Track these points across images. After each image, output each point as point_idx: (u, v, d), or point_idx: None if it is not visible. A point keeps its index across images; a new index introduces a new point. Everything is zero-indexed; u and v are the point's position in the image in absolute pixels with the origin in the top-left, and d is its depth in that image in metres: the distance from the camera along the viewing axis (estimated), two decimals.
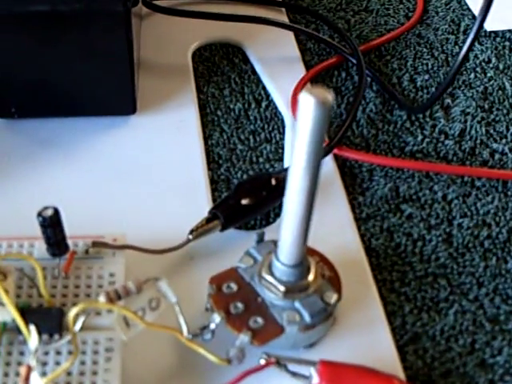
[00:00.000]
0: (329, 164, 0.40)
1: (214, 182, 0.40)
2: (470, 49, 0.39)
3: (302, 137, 0.25)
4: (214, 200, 0.38)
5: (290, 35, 0.50)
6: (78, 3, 0.38)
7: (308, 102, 0.24)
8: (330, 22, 0.51)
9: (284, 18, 0.52)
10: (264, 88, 0.46)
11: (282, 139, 0.43)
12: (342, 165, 0.41)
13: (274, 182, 0.37)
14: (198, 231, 0.35)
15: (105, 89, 0.41)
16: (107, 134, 0.42)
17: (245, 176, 0.40)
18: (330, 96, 0.24)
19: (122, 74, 0.41)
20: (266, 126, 0.44)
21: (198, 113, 0.44)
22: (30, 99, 0.42)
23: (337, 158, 0.41)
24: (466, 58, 0.40)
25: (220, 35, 0.50)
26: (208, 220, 0.35)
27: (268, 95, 0.46)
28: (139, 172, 0.40)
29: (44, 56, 0.40)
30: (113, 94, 0.42)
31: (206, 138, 0.43)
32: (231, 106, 0.45)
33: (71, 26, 0.39)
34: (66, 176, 0.39)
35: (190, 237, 0.34)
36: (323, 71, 0.47)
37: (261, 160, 0.41)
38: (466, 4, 0.54)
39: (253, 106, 0.45)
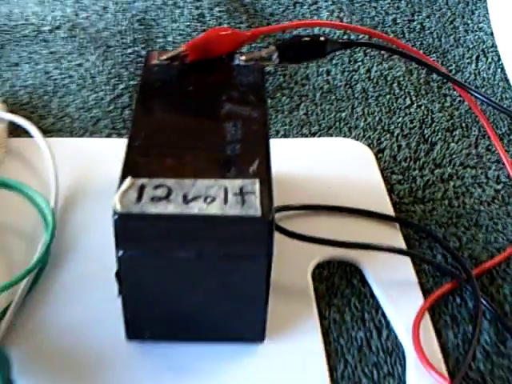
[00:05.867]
0: None
1: None
2: None
3: None
4: None
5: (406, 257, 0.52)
6: (222, 249, 0.41)
7: None
8: (443, 242, 0.53)
9: (397, 234, 0.55)
10: (383, 314, 0.48)
11: (404, 373, 0.44)
12: None
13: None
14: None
15: (239, 319, 0.44)
16: (236, 361, 0.44)
17: None
18: None
19: (258, 308, 0.44)
20: (388, 359, 0.45)
21: (322, 342, 0.46)
22: (165, 325, 0.45)
23: None
24: None
25: (337, 254, 0.52)
26: None
27: (388, 322, 0.47)
28: None
29: (186, 291, 0.42)
30: (246, 324, 0.45)
31: (331, 369, 0.45)
32: (353, 334, 0.47)
33: (214, 269, 0.42)
34: None
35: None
36: (439, 299, 0.49)
37: None
38: None
39: (374, 334, 0.47)
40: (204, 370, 0.44)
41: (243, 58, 0.51)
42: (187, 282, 0.42)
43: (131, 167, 0.42)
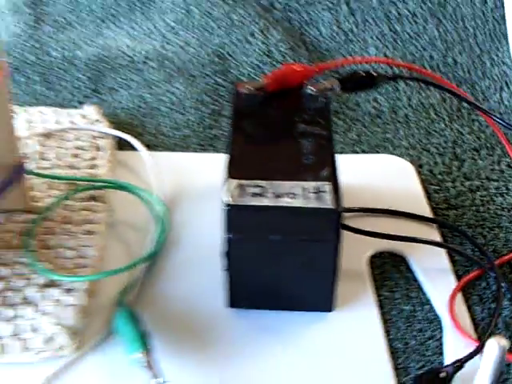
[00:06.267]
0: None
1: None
2: None
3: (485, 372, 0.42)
4: None
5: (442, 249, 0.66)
6: (303, 235, 0.54)
7: (494, 346, 0.41)
8: (471, 239, 0.67)
9: (435, 232, 0.68)
10: (424, 293, 0.62)
11: (442, 337, 0.58)
12: None
13: None
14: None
15: (314, 292, 0.58)
16: (311, 325, 0.58)
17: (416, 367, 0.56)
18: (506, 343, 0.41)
19: (328, 283, 0.57)
20: (429, 326, 0.59)
21: (377, 313, 0.60)
22: (257, 296, 0.59)
23: None
24: None
25: (388, 247, 0.66)
26: None
27: (428, 300, 0.61)
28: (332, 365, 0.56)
29: (274, 267, 0.56)
30: (319, 296, 0.58)
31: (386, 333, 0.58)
32: (401, 308, 0.60)
33: (295, 250, 0.55)
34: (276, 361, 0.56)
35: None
36: (469, 282, 0.63)
37: (429, 353, 0.57)
38: None
39: (417, 308, 0.60)
40: (286, 332, 0.58)
41: (313, 88, 0.64)
42: (275, 260, 0.56)
43: (234, 172, 0.56)
